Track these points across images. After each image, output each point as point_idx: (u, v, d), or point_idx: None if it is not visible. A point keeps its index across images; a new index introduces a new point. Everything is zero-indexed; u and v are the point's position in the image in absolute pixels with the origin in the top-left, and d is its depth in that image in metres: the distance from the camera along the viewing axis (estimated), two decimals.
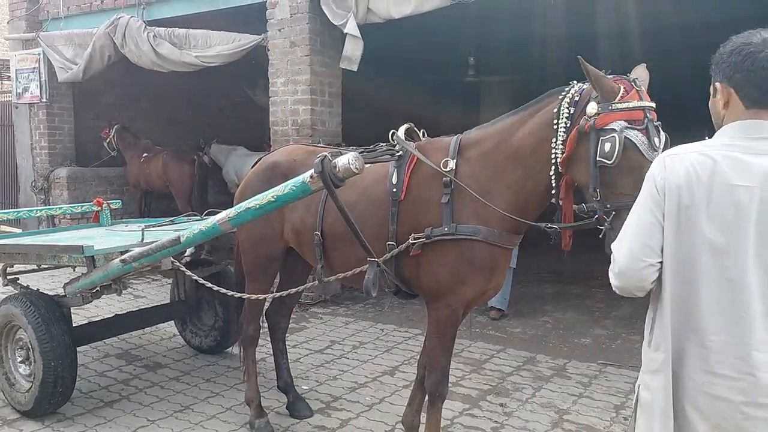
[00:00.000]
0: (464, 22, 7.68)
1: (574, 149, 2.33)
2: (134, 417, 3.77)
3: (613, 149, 2.17)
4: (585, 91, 2.37)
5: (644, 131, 2.18)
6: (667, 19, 7.10)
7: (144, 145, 9.13)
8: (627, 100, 2.22)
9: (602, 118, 2.22)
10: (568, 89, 2.44)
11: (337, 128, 6.60)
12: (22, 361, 3.82)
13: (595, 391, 4.23)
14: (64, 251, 3.70)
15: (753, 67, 1.63)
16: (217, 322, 4.80)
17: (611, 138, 2.18)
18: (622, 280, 1.74)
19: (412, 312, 6.05)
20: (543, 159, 2.48)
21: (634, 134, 2.17)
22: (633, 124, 2.19)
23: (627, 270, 1.71)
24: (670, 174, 1.65)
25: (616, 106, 2.21)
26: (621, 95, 2.22)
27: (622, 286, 1.75)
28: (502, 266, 2.81)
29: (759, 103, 1.65)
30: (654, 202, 1.68)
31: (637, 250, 1.70)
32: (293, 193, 2.61)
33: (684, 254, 1.66)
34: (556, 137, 2.40)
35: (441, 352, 2.87)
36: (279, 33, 6.37)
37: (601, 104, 2.23)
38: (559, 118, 2.39)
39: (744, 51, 1.64)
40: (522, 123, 2.60)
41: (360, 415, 3.82)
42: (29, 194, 9.15)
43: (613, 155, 2.17)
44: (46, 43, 8.47)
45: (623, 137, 2.16)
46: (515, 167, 2.60)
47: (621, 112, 2.20)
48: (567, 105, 2.39)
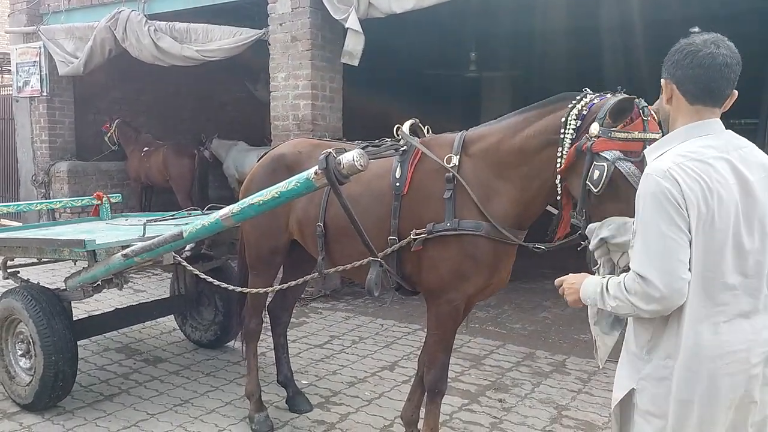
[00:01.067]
0: (466, 16, 7.66)
1: (571, 164, 2.33)
2: (134, 410, 3.78)
3: (600, 178, 2.14)
4: (593, 108, 2.32)
5: (639, 164, 2.11)
6: (669, 13, 7.07)
7: (145, 140, 9.13)
8: (629, 130, 2.17)
9: (599, 144, 2.18)
10: (578, 99, 2.39)
11: (337, 123, 6.59)
12: (23, 355, 3.83)
13: (594, 387, 4.23)
14: (65, 245, 3.71)
15: (692, 65, 1.72)
16: (217, 316, 4.81)
17: (601, 167, 2.15)
18: (664, 303, 1.68)
19: (412, 307, 6.05)
20: (550, 162, 2.47)
21: (627, 166, 2.12)
22: (628, 155, 2.14)
23: (670, 292, 1.66)
24: (686, 187, 1.65)
25: (615, 134, 2.17)
26: (624, 123, 2.18)
27: (663, 309, 1.70)
28: (504, 262, 2.80)
29: (699, 99, 1.75)
30: (679, 216, 1.66)
31: (676, 269, 1.66)
32: (297, 189, 2.60)
33: (711, 263, 1.68)
34: (562, 146, 2.39)
35: (441, 349, 2.88)
36: (280, 27, 6.35)
37: (603, 128, 2.19)
38: (566, 128, 2.38)
39: (686, 50, 1.75)
40: (528, 123, 2.58)
41: (359, 410, 3.83)
42: (30, 188, 9.15)
43: (599, 184, 2.15)
44: (47, 37, 8.46)
45: (612, 168, 2.13)
46: (519, 164, 2.59)
47: (619, 141, 2.17)
48: (575, 117, 2.36)
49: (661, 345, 1.78)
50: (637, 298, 1.71)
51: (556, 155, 2.41)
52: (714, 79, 1.72)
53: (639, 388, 1.82)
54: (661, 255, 1.67)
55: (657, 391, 1.78)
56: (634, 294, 1.71)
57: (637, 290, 1.70)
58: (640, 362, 1.83)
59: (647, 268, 1.68)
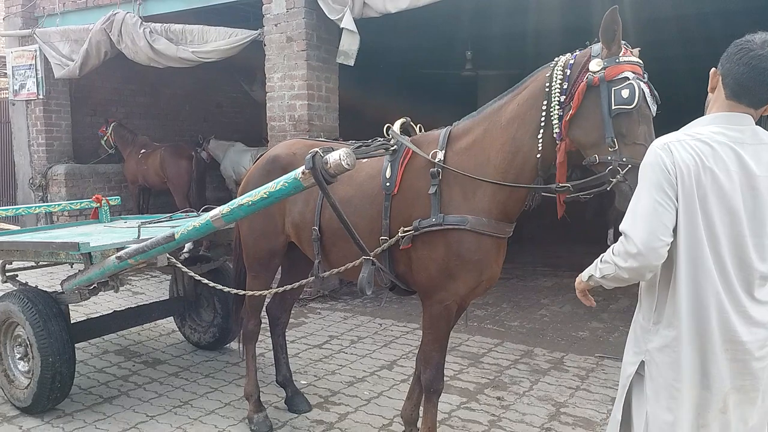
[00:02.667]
0: (461, 15, 7.65)
1: (581, 105, 2.33)
2: (133, 413, 3.78)
3: (633, 94, 2.20)
4: (579, 55, 2.42)
5: (647, 84, 2.26)
6: (662, 11, 7.08)
7: (141, 142, 9.12)
8: (627, 56, 2.30)
9: (612, 70, 2.26)
10: (557, 59, 2.49)
11: (334, 123, 6.59)
12: (21, 358, 3.84)
13: (592, 384, 4.25)
14: (60, 248, 3.71)
15: (740, 61, 1.74)
16: (216, 318, 4.81)
17: (629, 85, 2.22)
18: (640, 259, 1.76)
19: (410, 307, 6.06)
20: (531, 129, 2.48)
21: (643, 85, 2.24)
22: (639, 77, 2.26)
23: (647, 249, 1.74)
24: (678, 158, 1.74)
25: (622, 58, 2.28)
26: (623, 52, 2.31)
27: (638, 266, 1.77)
28: (494, 257, 2.75)
29: (735, 96, 1.77)
30: (668, 184, 1.74)
31: (656, 230, 1.74)
32: (285, 189, 2.60)
33: (697, 234, 1.74)
34: (550, 99, 2.42)
35: (435, 349, 2.87)
36: (275, 28, 6.36)
37: (607, 59, 2.29)
38: (553, 81, 2.42)
39: (741, 45, 1.76)
40: (509, 102, 2.63)
41: (358, 409, 3.84)
42: (27, 191, 9.14)
43: (634, 99, 2.20)
44: (43, 40, 8.45)
45: (639, 84, 2.23)
46: (503, 145, 2.59)
47: (628, 64, 2.27)
48: (561, 68, 2.42)
49: (663, 314, 1.84)
50: (619, 257, 1.81)
51: (539, 115, 2.45)
52: (755, 81, 1.73)
53: (648, 359, 1.87)
54: (645, 216, 1.76)
55: (663, 359, 1.83)
56: (617, 254, 1.82)
57: (619, 250, 1.81)
58: (647, 334, 1.89)
59: (631, 227, 1.79)
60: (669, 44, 8.07)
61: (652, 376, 1.87)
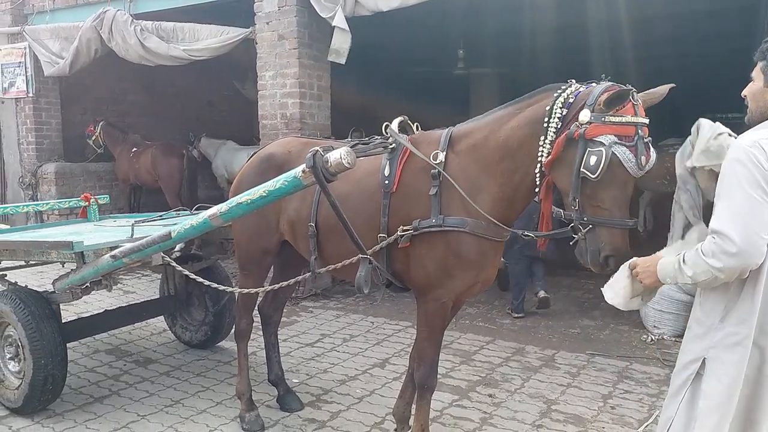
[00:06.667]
0: (453, 14, 7.67)
1: (560, 153, 2.30)
2: (124, 412, 3.77)
3: (599, 164, 2.14)
4: (581, 95, 2.30)
5: (633, 148, 2.14)
6: (654, 9, 7.12)
7: (132, 140, 9.08)
8: (621, 114, 2.17)
9: (593, 129, 2.17)
10: (564, 89, 2.38)
11: (326, 122, 6.59)
12: (12, 358, 3.81)
13: (583, 381, 4.27)
14: (53, 247, 3.68)
15: None
16: (207, 316, 4.79)
17: (598, 152, 2.15)
18: (740, 258, 1.72)
19: (402, 305, 6.07)
20: (531, 154, 2.46)
21: (623, 151, 2.13)
22: (623, 140, 2.15)
23: (748, 247, 1.71)
24: None
25: (609, 118, 2.16)
26: (616, 108, 2.17)
27: (739, 265, 1.73)
28: (491, 259, 2.80)
29: None
30: (764, 180, 1.72)
31: (756, 227, 1.71)
32: (285, 188, 2.60)
33: None
34: (546, 136, 2.37)
35: (430, 346, 2.89)
36: (267, 26, 6.34)
37: (594, 114, 2.18)
38: (551, 117, 2.36)
39: None
40: (512, 116, 2.58)
41: (350, 408, 3.84)
42: (17, 190, 9.09)
43: (597, 170, 2.14)
44: (32, 37, 8.40)
45: (611, 153, 2.14)
46: (503, 158, 2.59)
47: (613, 125, 2.16)
48: (560, 105, 2.34)
49: (734, 310, 1.82)
50: (714, 258, 1.75)
51: (538, 146, 2.40)
52: None
53: (710, 356, 1.86)
54: (743, 213, 1.72)
55: (729, 357, 1.82)
56: (711, 255, 1.75)
57: (713, 250, 1.75)
58: (711, 332, 1.87)
59: (726, 225, 1.74)
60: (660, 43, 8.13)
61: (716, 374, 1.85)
